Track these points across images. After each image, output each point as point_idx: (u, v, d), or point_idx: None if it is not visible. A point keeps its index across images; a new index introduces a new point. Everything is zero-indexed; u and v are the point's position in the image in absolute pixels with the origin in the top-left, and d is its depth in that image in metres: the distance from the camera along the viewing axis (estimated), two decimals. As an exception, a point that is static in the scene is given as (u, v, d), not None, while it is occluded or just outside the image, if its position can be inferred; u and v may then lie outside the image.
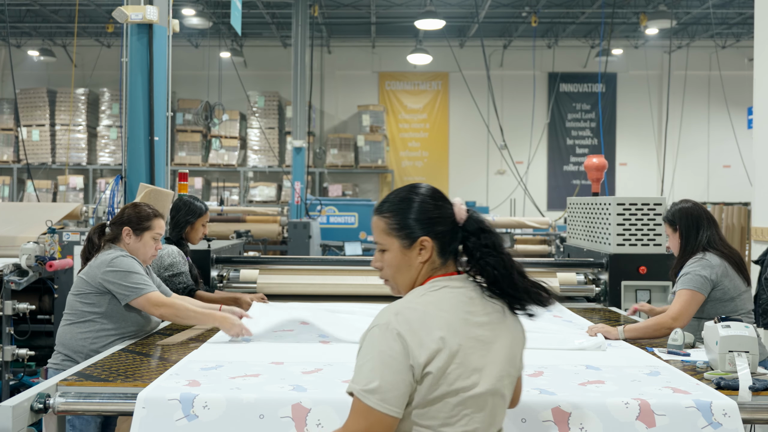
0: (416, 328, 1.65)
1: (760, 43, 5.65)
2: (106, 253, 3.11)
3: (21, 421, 2.09)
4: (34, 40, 18.55)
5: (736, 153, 16.05)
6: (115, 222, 3.22)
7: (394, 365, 1.61)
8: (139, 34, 5.22)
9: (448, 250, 1.80)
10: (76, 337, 3.03)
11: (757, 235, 5.43)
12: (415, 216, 1.78)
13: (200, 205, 4.05)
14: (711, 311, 3.19)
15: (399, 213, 1.80)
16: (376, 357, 1.63)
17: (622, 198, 4.40)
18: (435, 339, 1.64)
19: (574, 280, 4.35)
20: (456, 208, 1.81)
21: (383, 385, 1.60)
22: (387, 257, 1.82)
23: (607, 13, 14.35)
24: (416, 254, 1.78)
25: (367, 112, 17.96)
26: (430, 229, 1.78)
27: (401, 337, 1.63)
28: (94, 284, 3.05)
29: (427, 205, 1.79)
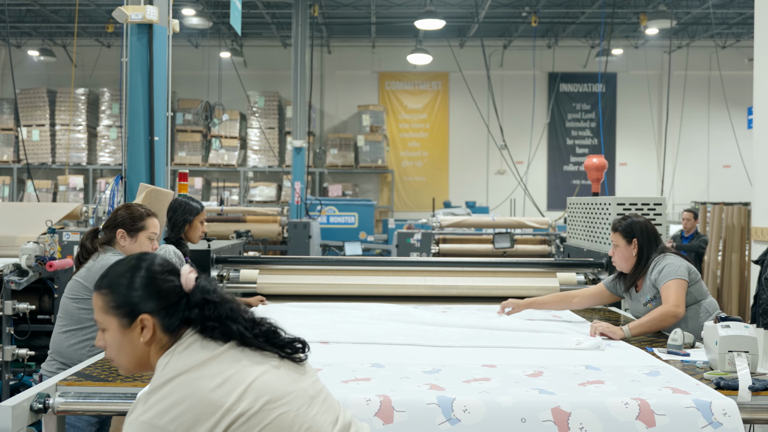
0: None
1: (760, 43, 5.64)
2: (105, 258, 3.04)
3: (21, 421, 2.09)
4: (34, 40, 18.56)
5: (736, 153, 16.06)
6: (108, 225, 3.16)
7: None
8: (139, 34, 5.23)
9: (173, 323, 1.64)
10: (73, 345, 2.97)
11: (757, 235, 5.43)
12: (137, 292, 1.63)
13: (196, 204, 4.03)
14: (696, 295, 3.29)
15: (117, 289, 1.65)
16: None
17: (622, 198, 4.40)
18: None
19: (574, 280, 4.35)
20: (183, 278, 1.67)
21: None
22: (107, 337, 1.66)
23: (607, 13, 14.35)
24: (138, 334, 1.63)
25: (367, 112, 17.97)
26: (152, 305, 1.63)
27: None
28: (91, 290, 3.02)
29: (148, 279, 1.65)
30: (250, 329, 1.68)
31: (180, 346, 1.62)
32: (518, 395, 2.19)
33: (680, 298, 3.16)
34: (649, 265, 3.36)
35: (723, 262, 7.56)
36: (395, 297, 4.18)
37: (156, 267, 1.67)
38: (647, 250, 3.40)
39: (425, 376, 2.43)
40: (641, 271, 3.40)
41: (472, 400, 2.14)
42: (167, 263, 1.70)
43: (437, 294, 4.23)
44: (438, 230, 8.98)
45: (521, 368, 2.54)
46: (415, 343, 3.01)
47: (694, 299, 3.30)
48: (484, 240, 8.71)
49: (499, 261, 4.61)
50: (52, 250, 4.61)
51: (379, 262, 4.83)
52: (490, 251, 8.25)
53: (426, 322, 3.43)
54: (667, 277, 3.23)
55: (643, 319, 3.16)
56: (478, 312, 3.75)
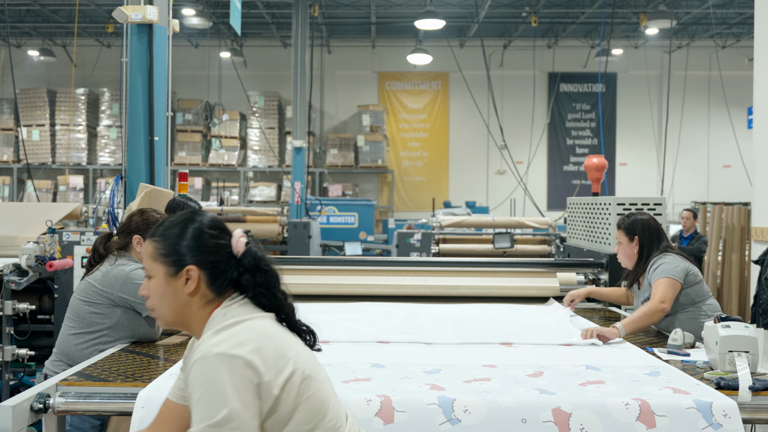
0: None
1: (760, 43, 5.64)
2: (121, 264, 3.03)
3: (21, 421, 2.09)
4: (34, 40, 18.56)
5: (736, 153, 16.06)
6: (123, 230, 3.15)
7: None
8: (139, 34, 5.23)
9: (221, 282, 1.70)
10: (81, 348, 2.95)
11: (757, 235, 5.43)
12: (186, 243, 1.68)
13: (194, 204, 4.05)
14: (693, 296, 3.31)
15: (168, 238, 1.70)
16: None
17: (622, 198, 4.40)
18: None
19: (574, 280, 4.35)
20: (234, 240, 1.73)
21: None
22: (152, 284, 1.71)
23: (607, 13, 14.35)
24: (182, 284, 1.68)
25: (367, 112, 17.97)
26: (200, 258, 1.68)
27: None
28: (111, 297, 2.97)
29: (201, 233, 1.70)
30: (291, 308, 1.77)
31: (234, 303, 1.68)
32: (519, 395, 2.19)
33: (667, 294, 3.19)
34: (649, 263, 3.40)
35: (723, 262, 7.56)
36: (395, 297, 4.18)
37: (208, 223, 1.72)
38: (648, 248, 3.44)
39: (426, 376, 2.43)
40: (642, 268, 3.45)
41: (473, 401, 2.14)
42: (220, 223, 1.75)
43: (437, 294, 4.23)
44: (438, 230, 8.98)
45: (522, 368, 2.54)
46: (414, 341, 3.02)
47: (692, 301, 3.30)
48: (484, 240, 8.71)
49: (499, 261, 4.61)
50: (52, 250, 4.61)
51: (379, 262, 4.83)
52: (490, 251, 8.25)
53: (424, 313, 3.51)
54: (659, 275, 3.27)
55: (633, 316, 3.19)
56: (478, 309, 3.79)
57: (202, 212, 1.77)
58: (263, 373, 1.55)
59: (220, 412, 1.49)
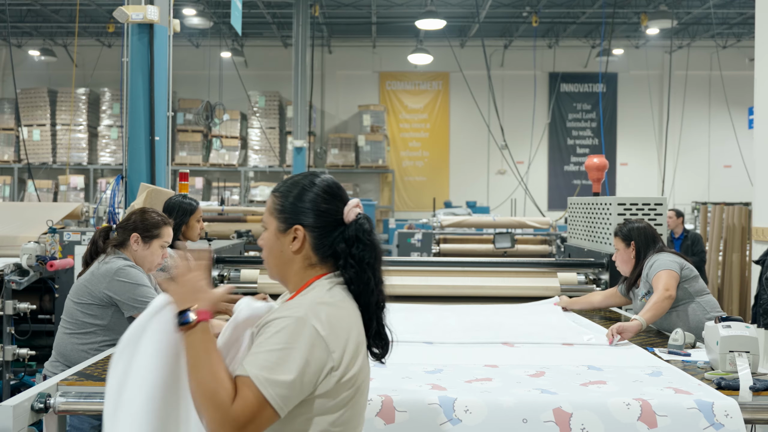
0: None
1: (760, 43, 5.64)
2: (110, 262, 3.01)
3: (21, 420, 2.09)
4: (35, 39, 18.56)
5: (737, 153, 16.04)
6: (122, 226, 3.12)
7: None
8: (140, 34, 5.23)
9: (326, 248, 1.70)
10: (76, 348, 2.94)
11: (758, 235, 5.43)
12: (301, 204, 1.70)
13: (189, 202, 3.97)
14: (690, 291, 3.36)
15: (287, 195, 1.72)
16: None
17: (622, 198, 4.40)
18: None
19: (575, 280, 4.35)
20: (347, 208, 1.72)
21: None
22: (265, 236, 1.75)
23: (607, 13, 14.34)
24: (289, 241, 1.69)
25: (368, 111, 17.96)
26: (310, 220, 1.69)
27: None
28: (98, 295, 2.95)
29: (316, 197, 1.70)
30: (380, 306, 1.76)
31: (339, 284, 1.69)
32: (520, 395, 2.19)
33: (669, 283, 3.25)
34: (645, 263, 3.47)
35: (723, 262, 7.56)
36: (395, 297, 4.17)
37: (326, 188, 1.73)
38: (644, 252, 3.53)
39: (427, 376, 2.43)
40: (638, 271, 3.53)
41: (474, 400, 2.14)
42: (338, 189, 1.75)
43: (438, 294, 4.23)
44: (439, 230, 8.98)
45: (523, 368, 2.54)
46: (417, 341, 3.02)
47: (689, 295, 3.34)
48: (484, 240, 8.70)
49: (500, 261, 4.61)
50: (52, 249, 4.62)
51: (379, 262, 4.81)
52: (490, 251, 8.25)
53: (428, 314, 3.51)
54: (656, 270, 3.34)
55: (647, 307, 3.22)
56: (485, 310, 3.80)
57: (323, 175, 1.77)
58: (336, 367, 1.56)
59: (284, 374, 1.48)
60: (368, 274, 1.69)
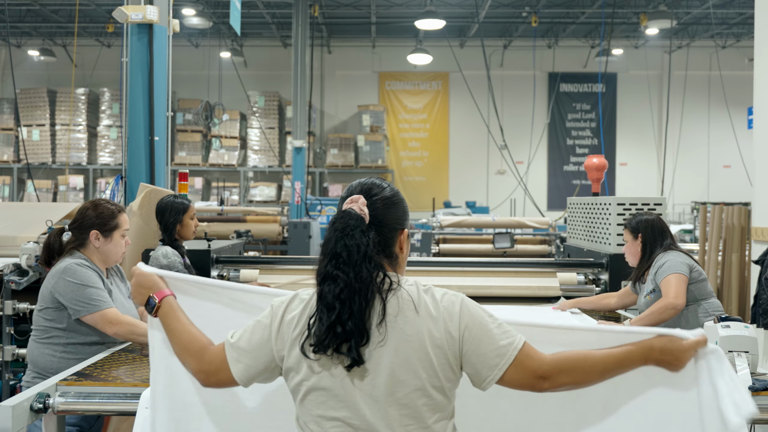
0: None
1: (760, 43, 5.64)
2: (61, 262, 2.86)
3: (21, 420, 2.09)
4: (35, 39, 18.56)
5: (737, 153, 16.03)
6: (77, 226, 2.95)
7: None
8: (140, 34, 5.23)
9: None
10: (44, 354, 2.81)
11: (757, 235, 5.43)
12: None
13: (182, 201, 3.97)
14: (696, 294, 3.35)
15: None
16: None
17: (622, 198, 4.40)
18: None
19: (575, 280, 4.35)
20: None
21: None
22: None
23: (607, 13, 14.35)
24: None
25: (367, 112, 17.97)
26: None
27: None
28: (48, 297, 2.82)
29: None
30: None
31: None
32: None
33: (680, 290, 3.22)
34: (653, 260, 3.46)
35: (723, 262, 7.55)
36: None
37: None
38: (651, 245, 3.52)
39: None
40: (645, 265, 3.52)
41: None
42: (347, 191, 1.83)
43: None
44: (438, 230, 8.98)
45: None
46: None
47: (694, 298, 3.33)
48: (484, 240, 8.71)
49: (500, 261, 4.60)
50: (52, 250, 4.61)
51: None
52: (490, 251, 8.25)
53: None
54: (666, 271, 3.31)
55: (642, 315, 3.22)
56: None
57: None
58: None
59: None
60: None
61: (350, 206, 1.67)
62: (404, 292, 1.62)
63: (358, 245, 1.60)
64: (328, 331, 1.56)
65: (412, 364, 1.56)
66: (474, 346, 1.58)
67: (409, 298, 1.61)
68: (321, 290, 1.60)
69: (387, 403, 1.56)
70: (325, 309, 1.57)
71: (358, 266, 1.59)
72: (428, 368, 1.57)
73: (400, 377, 1.56)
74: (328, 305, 1.57)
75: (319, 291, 1.60)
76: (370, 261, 1.60)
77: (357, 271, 1.58)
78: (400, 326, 1.58)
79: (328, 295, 1.58)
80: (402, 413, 1.56)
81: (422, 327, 1.57)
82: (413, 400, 1.56)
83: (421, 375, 1.56)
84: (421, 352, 1.57)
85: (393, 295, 1.61)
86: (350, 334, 1.55)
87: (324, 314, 1.57)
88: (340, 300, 1.56)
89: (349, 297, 1.56)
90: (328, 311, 1.56)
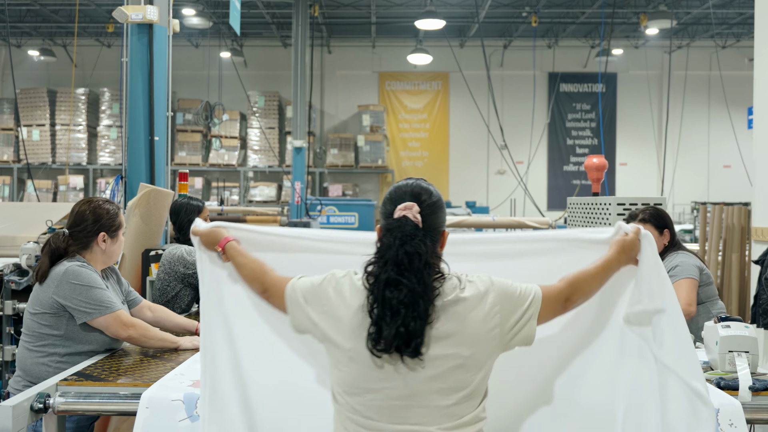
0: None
1: (760, 43, 5.64)
2: (61, 265, 2.77)
3: (21, 420, 2.09)
4: (35, 39, 18.56)
5: (736, 153, 16.04)
6: (82, 228, 2.84)
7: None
8: (140, 34, 5.23)
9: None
10: (36, 362, 2.71)
11: (757, 235, 5.44)
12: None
13: (196, 203, 4.08)
14: (701, 296, 3.30)
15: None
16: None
17: (622, 198, 4.40)
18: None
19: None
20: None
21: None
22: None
23: (607, 13, 14.35)
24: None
25: (367, 112, 17.97)
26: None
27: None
28: (48, 302, 2.71)
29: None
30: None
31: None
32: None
33: (692, 296, 3.17)
34: (665, 258, 3.34)
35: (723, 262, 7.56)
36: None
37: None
38: (672, 240, 3.39)
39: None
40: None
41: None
42: (395, 192, 1.95)
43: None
44: (438, 230, 8.96)
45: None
46: None
47: (700, 301, 3.29)
48: (484, 240, 8.68)
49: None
50: (52, 250, 4.60)
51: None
52: (490, 251, 8.22)
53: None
54: (678, 275, 3.22)
55: None
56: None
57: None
58: None
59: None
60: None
61: (404, 213, 1.80)
62: (450, 283, 1.77)
63: (419, 253, 1.73)
64: (395, 336, 1.68)
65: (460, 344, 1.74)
66: (507, 315, 1.78)
67: (454, 288, 1.77)
68: (384, 295, 1.70)
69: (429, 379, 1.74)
70: (390, 313, 1.69)
71: (420, 272, 1.71)
72: (475, 344, 1.76)
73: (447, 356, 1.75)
74: (393, 310, 1.69)
75: (382, 296, 1.71)
76: (431, 267, 1.74)
77: (419, 276, 1.70)
78: (451, 314, 1.74)
79: (392, 300, 1.69)
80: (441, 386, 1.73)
81: (468, 312, 1.74)
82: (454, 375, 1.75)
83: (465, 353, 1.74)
84: (469, 333, 1.74)
85: (443, 288, 1.75)
86: (413, 335, 1.68)
87: (390, 318, 1.69)
88: (404, 304, 1.68)
89: (413, 301, 1.69)
90: (393, 316, 1.68)
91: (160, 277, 3.91)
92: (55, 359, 2.70)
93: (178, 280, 3.85)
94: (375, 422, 1.72)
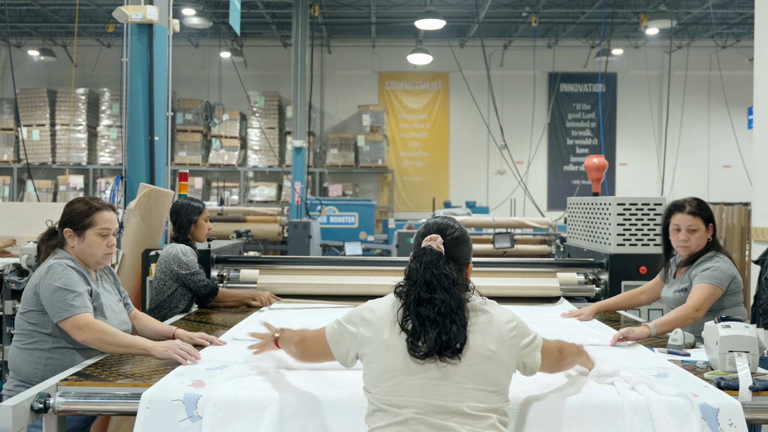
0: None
1: (760, 43, 5.64)
2: (45, 262, 2.75)
3: (21, 421, 2.08)
4: (35, 39, 18.56)
5: (736, 153, 16.05)
6: (60, 223, 2.83)
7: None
8: (140, 34, 5.23)
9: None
10: (27, 361, 2.67)
11: (757, 235, 5.44)
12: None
13: (197, 204, 4.09)
14: (725, 303, 3.22)
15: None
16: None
17: (622, 198, 4.40)
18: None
19: (575, 280, 4.35)
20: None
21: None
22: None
23: (607, 13, 14.35)
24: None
25: (367, 112, 17.97)
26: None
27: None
28: (32, 299, 2.69)
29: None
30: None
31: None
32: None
33: (704, 302, 3.11)
34: (703, 255, 3.28)
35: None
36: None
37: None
38: (714, 238, 3.33)
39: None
40: (696, 258, 3.30)
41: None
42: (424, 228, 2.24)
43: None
44: (438, 230, 8.95)
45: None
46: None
47: (723, 307, 3.22)
48: (484, 240, 8.71)
49: (500, 261, 4.60)
50: (52, 250, 4.60)
51: (379, 262, 4.83)
52: (490, 251, 8.25)
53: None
54: (704, 278, 3.17)
55: (666, 318, 3.11)
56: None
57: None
58: None
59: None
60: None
61: (429, 244, 2.06)
62: (476, 298, 2.04)
63: (446, 274, 1.98)
64: (436, 342, 1.89)
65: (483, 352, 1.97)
66: (521, 335, 2.05)
67: (482, 301, 2.04)
68: (418, 312, 1.94)
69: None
70: (430, 324, 1.92)
71: (449, 290, 1.95)
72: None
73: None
74: (430, 320, 1.92)
75: (416, 312, 1.94)
76: (457, 284, 1.98)
77: (451, 293, 1.95)
78: (480, 313, 2.00)
79: (430, 314, 1.92)
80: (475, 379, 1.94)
81: (492, 317, 2.01)
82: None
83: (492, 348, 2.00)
84: (494, 332, 2.00)
85: (472, 301, 2.01)
86: (455, 338, 1.90)
87: (429, 327, 1.91)
88: (441, 315, 1.92)
89: (449, 312, 1.93)
90: (433, 324, 1.91)
91: (157, 276, 3.93)
92: (43, 356, 2.68)
93: (173, 279, 3.87)
94: (407, 398, 1.90)
